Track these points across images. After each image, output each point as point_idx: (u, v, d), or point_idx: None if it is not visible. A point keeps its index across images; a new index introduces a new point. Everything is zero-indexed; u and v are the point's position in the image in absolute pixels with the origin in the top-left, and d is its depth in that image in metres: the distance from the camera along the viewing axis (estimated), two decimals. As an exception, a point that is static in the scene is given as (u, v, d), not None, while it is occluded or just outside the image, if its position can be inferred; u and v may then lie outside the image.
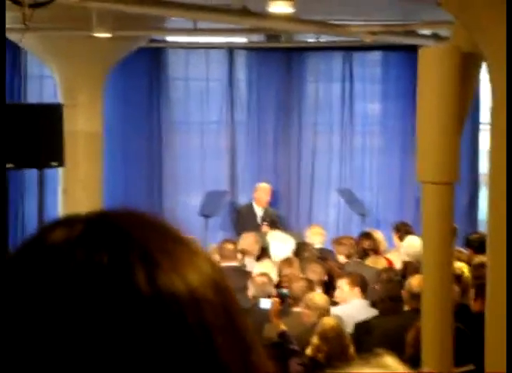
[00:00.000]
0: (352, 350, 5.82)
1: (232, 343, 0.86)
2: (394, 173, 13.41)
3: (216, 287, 0.87)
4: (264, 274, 7.54)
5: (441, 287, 4.33)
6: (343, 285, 7.43)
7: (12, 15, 7.01)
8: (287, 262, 8.34)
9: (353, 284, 7.38)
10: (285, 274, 8.03)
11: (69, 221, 0.91)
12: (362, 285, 7.52)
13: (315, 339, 5.82)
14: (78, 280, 0.82)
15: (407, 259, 8.91)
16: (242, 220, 11.51)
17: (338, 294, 7.47)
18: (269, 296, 7.03)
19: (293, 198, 13.56)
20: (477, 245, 9.05)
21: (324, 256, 9.20)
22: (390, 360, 1.40)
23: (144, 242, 0.86)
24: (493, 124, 4.27)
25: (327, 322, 6.07)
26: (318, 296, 6.88)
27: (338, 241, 9.50)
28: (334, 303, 7.31)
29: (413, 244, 8.91)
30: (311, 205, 13.58)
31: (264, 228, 11.13)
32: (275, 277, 8.15)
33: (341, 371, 1.38)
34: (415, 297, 5.96)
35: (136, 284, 0.82)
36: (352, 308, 7.20)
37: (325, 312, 6.57)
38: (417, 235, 8.54)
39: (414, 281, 6.76)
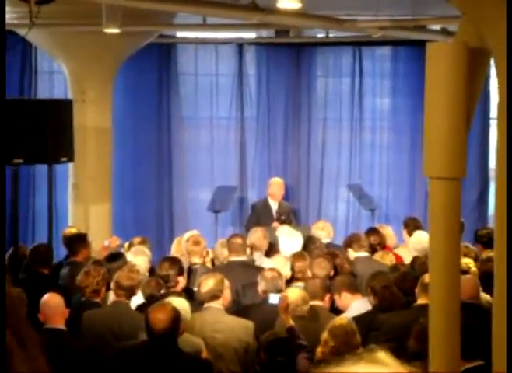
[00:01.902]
0: (360, 350, 5.81)
1: None
2: (403, 169, 13.41)
3: None
4: (274, 269, 7.54)
5: (448, 282, 4.33)
6: (343, 296, 7.36)
7: (20, 11, 7.05)
8: (299, 256, 8.35)
9: (350, 291, 7.35)
10: (299, 268, 8.04)
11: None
12: (355, 286, 7.46)
13: (325, 335, 5.84)
14: None
15: (415, 254, 8.90)
16: (257, 215, 11.51)
17: (339, 302, 7.38)
18: (279, 291, 7.03)
19: (303, 193, 13.58)
20: (486, 240, 9.03)
21: (332, 251, 9.19)
22: (383, 355, 1.41)
23: None
24: (500, 119, 4.27)
25: (338, 319, 6.08)
26: (290, 291, 6.85)
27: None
28: (338, 311, 7.24)
29: (421, 239, 8.90)
30: (321, 200, 13.59)
31: (275, 223, 11.14)
32: (288, 273, 8.15)
33: (334, 368, 1.39)
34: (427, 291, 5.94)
35: None
36: (357, 310, 7.18)
37: (295, 308, 6.55)
38: (426, 230, 8.54)
39: (426, 275, 6.72)
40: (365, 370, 1.36)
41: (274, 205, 11.62)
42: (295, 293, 6.76)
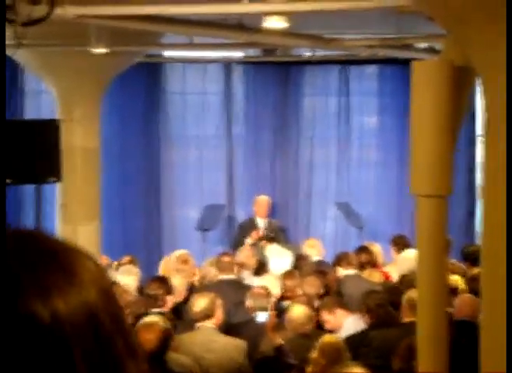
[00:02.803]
0: (350, 363, 5.82)
1: (96, 363, 0.91)
2: (391, 186, 13.44)
3: (88, 309, 0.92)
4: (262, 287, 7.54)
5: (436, 300, 4.34)
6: (338, 314, 7.36)
7: (7, 32, 7.05)
8: (289, 275, 8.36)
9: (344, 308, 7.36)
10: (288, 287, 8.05)
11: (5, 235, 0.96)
12: (343, 303, 7.47)
13: (314, 354, 5.84)
14: None
15: (402, 272, 8.92)
16: (244, 234, 11.53)
17: (330, 323, 7.37)
18: (265, 309, 7.03)
19: (291, 211, 13.58)
20: (474, 257, 9.06)
21: (321, 268, 9.20)
22: (359, 371, 1.42)
23: (16, 268, 0.90)
24: (488, 137, 4.29)
25: (327, 337, 6.09)
26: (295, 309, 6.85)
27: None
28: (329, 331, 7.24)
29: (409, 257, 8.92)
30: (309, 218, 13.60)
31: (257, 238, 11.15)
32: (278, 292, 8.15)
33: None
34: (414, 308, 5.96)
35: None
36: (350, 327, 7.17)
37: (300, 326, 6.55)
38: (415, 247, 8.56)
39: (412, 293, 6.75)
40: None
41: (261, 223, 11.65)
42: (300, 310, 6.75)
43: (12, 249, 0.92)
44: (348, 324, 7.23)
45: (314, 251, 10.10)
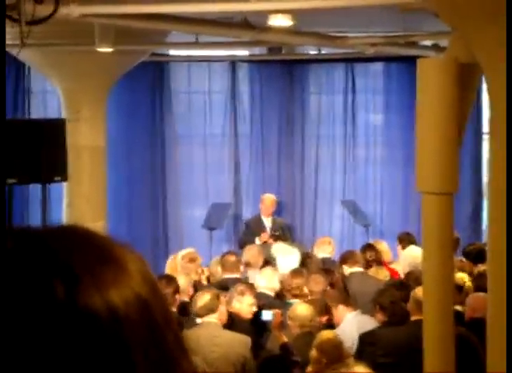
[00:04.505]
0: (351, 361, 5.82)
1: (153, 360, 0.89)
2: (397, 184, 13.42)
3: (142, 305, 0.91)
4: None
5: (442, 297, 4.33)
6: (339, 310, 7.38)
7: (12, 31, 7.06)
8: (297, 273, 8.37)
9: (345, 304, 7.37)
10: (297, 285, 8.06)
11: (7, 235, 0.94)
12: (348, 299, 7.47)
13: (313, 352, 5.83)
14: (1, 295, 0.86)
15: (407, 269, 8.92)
16: (251, 232, 11.53)
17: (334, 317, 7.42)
18: (270, 307, 7.04)
19: (297, 210, 13.57)
20: (474, 256, 9.07)
21: (327, 266, 9.20)
22: (361, 369, 1.42)
23: (69, 260, 0.89)
24: (492, 134, 4.28)
25: (324, 334, 6.08)
26: (300, 307, 6.86)
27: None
28: (332, 326, 7.26)
29: (413, 254, 8.92)
30: (315, 217, 13.59)
31: (270, 239, 11.14)
32: (276, 285, 8.18)
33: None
34: (421, 306, 5.95)
35: (55, 302, 0.85)
36: (349, 323, 7.18)
37: (307, 322, 6.55)
38: (421, 245, 8.55)
39: (419, 291, 6.73)
40: None
41: (267, 221, 11.65)
42: (304, 308, 6.75)
43: (62, 243, 0.91)
44: (347, 320, 7.23)
45: (330, 248, 10.12)
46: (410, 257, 9.06)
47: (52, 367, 0.84)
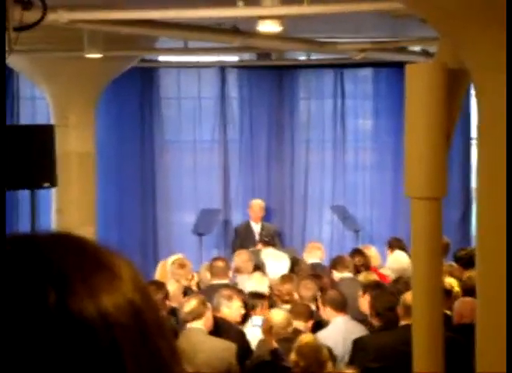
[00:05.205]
0: (330, 365, 5.84)
1: (145, 365, 0.90)
2: (386, 189, 13.45)
3: (134, 310, 0.91)
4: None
5: (431, 302, 4.34)
6: (326, 310, 7.41)
7: None
8: (287, 278, 8.37)
9: (333, 308, 7.37)
10: (287, 290, 8.06)
11: (5, 241, 0.95)
12: (341, 304, 7.48)
13: (292, 355, 5.85)
14: None
15: (392, 274, 8.94)
16: (240, 238, 11.54)
17: (323, 314, 7.46)
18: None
19: (287, 215, 13.58)
20: (465, 261, 9.09)
21: (317, 272, 9.21)
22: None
23: (62, 267, 0.90)
24: (480, 140, 4.30)
25: (303, 338, 6.09)
26: (273, 314, 6.87)
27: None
28: (320, 326, 7.28)
29: (398, 259, 8.95)
30: (305, 222, 13.60)
31: (259, 245, 11.16)
32: (265, 289, 8.19)
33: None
34: (410, 311, 5.96)
35: (47, 307, 0.86)
36: (336, 327, 7.18)
37: (280, 330, 6.56)
38: (410, 250, 8.56)
39: (408, 296, 6.75)
40: None
41: (256, 227, 11.66)
42: (279, 315, 6.76)
43: (55, 250, 0.92)
44: (335, 324, 7.24)
45: (319, 253, 10.13)
46: (395, 263, 9.09)
47: (44, 370, 0.84)
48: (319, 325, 7.36)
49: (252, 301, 7.66)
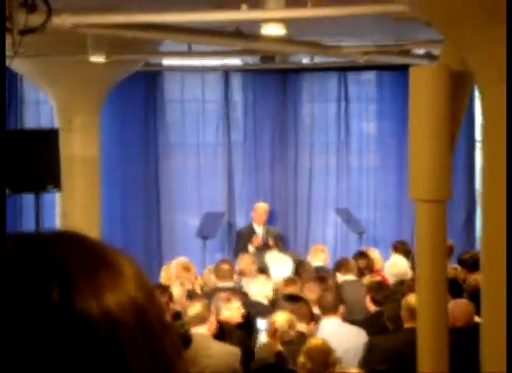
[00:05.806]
0: (337, 368, 5.84)
1: (148, 363, 0.91)
2: (391, 192, 13.45)
3: (137, 309, 0.92)
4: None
5: (436, 304, 4.34)
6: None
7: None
8: (291, 281, 8.38)
9: (321, 309, 7.40)
10: (291, 293, 8.08)
11: (7, 239, 0.95)
12: (333, 306, 7.49)
13: (301, 358, 5.85)
14: None
15: (390, 278, 8.94)
16: (243, 241, 11.54)
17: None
18: (264, 315, 7.04)
19: (291, 218, 13.58)
20: (470, 263, 9.07)
21: (321, 274, 9.21)
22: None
23: (65, 265, 0.90)
24: (485, 142, 4.30)
25: (313, 340, 6.09)
26: (279, 316, 6.87)
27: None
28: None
29: (396, 264, 8.95)
30: (309, 225, 13.60)
31: (260, 243, 11.18)
32: (269, 293, 8.19)
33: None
34: (414, 314, 5.97)
35: (50, 305, 0.87)
36: (328, 329, 7.19)
37: (283, 333, 6.56)
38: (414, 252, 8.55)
39: (411, 299, 6.75)
40: None
41: (259, 230, 11.67)
42: (282, 318, 6.76)
43: (59, 247, 0.92)
44: (326, 325, 7.24)
45: (323, 255, 10.13)
46: (393, 267, 9.10)
47: (47, 368, 0.85)
48: None
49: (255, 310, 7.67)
